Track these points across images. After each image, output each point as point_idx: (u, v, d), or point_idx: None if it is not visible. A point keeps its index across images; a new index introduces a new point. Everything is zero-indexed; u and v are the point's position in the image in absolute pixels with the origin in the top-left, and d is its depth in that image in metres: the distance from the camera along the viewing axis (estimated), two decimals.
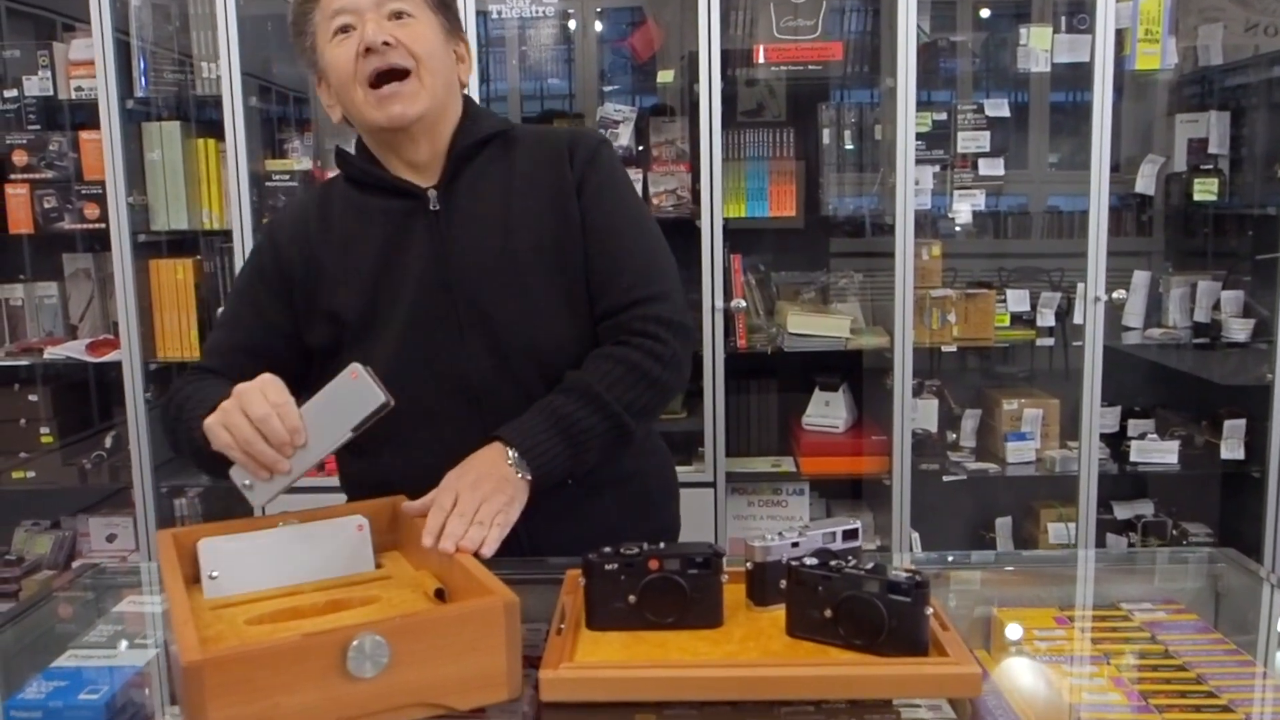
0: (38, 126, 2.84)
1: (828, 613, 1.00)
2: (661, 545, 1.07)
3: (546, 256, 1.32)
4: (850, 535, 1.13)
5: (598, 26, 3.03)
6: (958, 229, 2.83)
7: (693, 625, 1.06)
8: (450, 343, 1.30)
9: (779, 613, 1.07)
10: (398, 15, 1.28)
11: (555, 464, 1.24)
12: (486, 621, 0.92)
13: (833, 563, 1.02)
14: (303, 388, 1.25)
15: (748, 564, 1.10)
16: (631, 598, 1.05)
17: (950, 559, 1.42)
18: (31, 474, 2.92)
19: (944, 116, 2.81)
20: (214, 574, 1.14)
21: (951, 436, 2.97)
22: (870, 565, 1.01)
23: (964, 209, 2.82)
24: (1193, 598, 1.28)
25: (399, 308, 1.31)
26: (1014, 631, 1.20)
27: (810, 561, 1.03)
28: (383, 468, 1.33)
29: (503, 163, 1.36)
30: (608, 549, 1.07)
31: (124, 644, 1.17)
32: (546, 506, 1.26)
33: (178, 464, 2.93)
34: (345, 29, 1.28)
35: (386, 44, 1.25)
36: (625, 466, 1.40)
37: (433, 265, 1.31)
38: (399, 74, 1.27)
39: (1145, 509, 3.08)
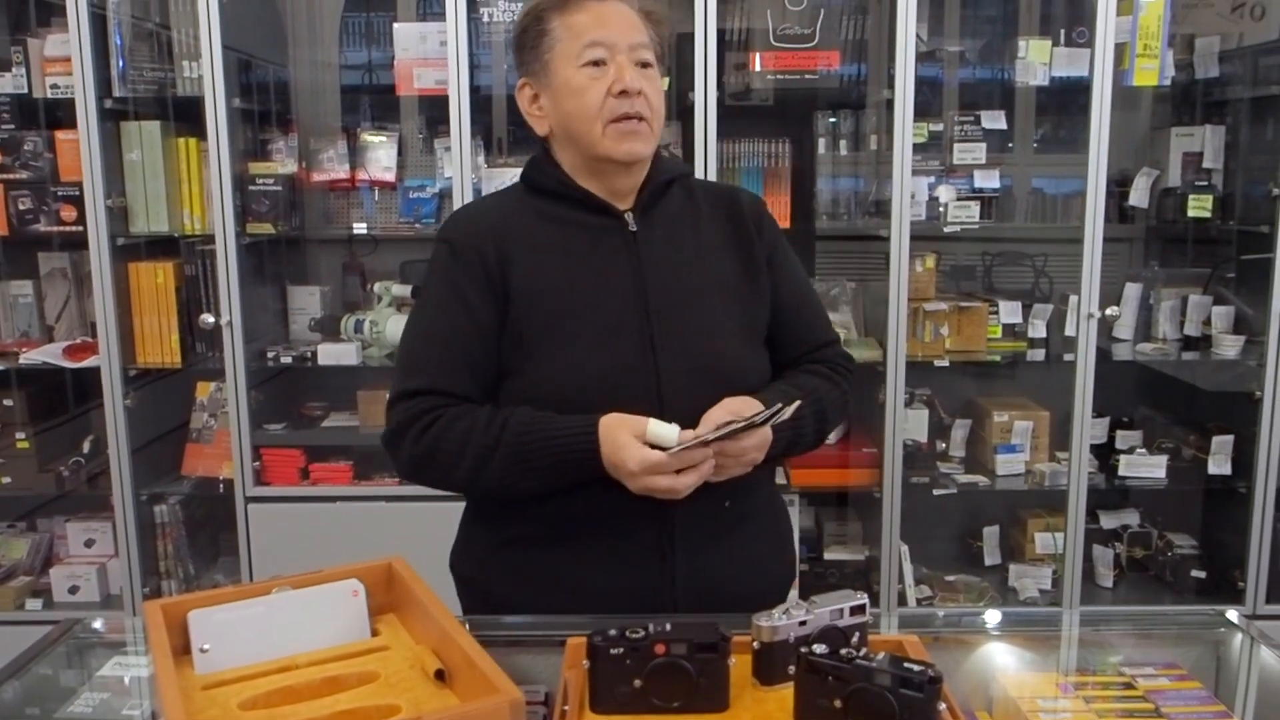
0: (11, 126, 2.74)
1: (837, 703, 0.99)
2: (667, 626, 1.05)
3: (731, 291, 1.42)
4: (858, 610, 1.11)
5: None
6: (947, 230, 2.80)
7: (699, 709, 1.04)
8: (642, 357, 1.35)
9: (785, 692, 1.05)
10: (644, 64, 1.37)
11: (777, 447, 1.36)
12: None
13: (843, 650, 1.00)
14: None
15: (754, 643, 1.08)
16: (637, 682, 1.03)
17: (955, 617, 1.39)
18: (7, 479, 2.86)
19: (940, 127, 2.78)
20: (205, 647, 1.10)
21: (941, 446, 2.97)
22: (881, 656, 0.99)
23: (959, 216, 2.78)
24: (1194, 662, 1.27)
25: (593, 319, 1.35)
26: (1019, 702, 1.19)
27: (819, 648, 1.01)
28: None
29: (688, 201, 1.47)
30: (613, 631, 1.04)
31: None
32: (699, 532, 1.37)
33: (156, 471, 2.89)
34: (598, 63, 1.34)
35: (640, 92, 1.34)
36: (768, 499, 1.51)
37: (630, 284, 1.38)
38: (636, 118, 1.36)
39: (1131, 519, 3.09)
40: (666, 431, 1.24)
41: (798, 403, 1.28)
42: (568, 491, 1.32)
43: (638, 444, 1.24)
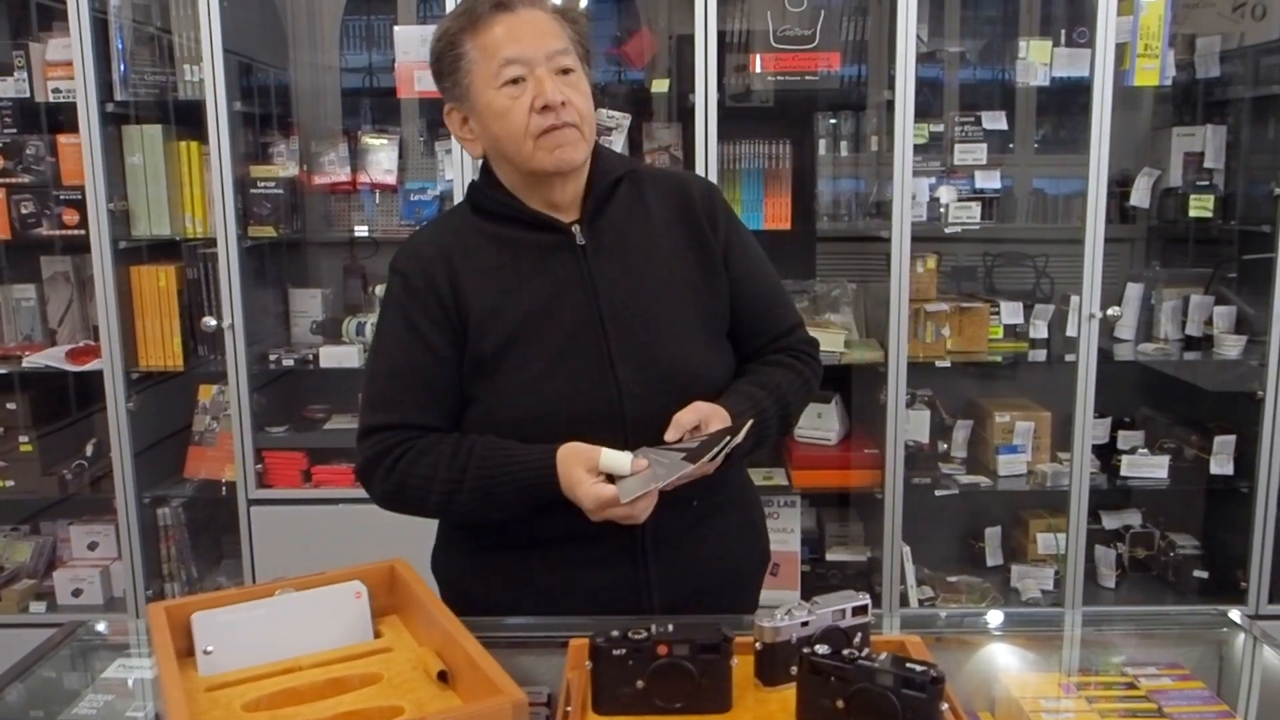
0: (14, 130, 2.75)
1: (840, 703, 0.99)
2: (669, 627, 1.05)
3: (687, 291, 1.41)
4: (860, 611, 1.11)
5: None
6: (948, 231, 2.80)
7: (702, 710, 1.04)
8: (600, 370, 1.35)
9: (788, 693, 1.06)
10: (565, 71, 1.34)
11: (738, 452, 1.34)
12: None
13: (845, 651, 1.00)
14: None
15: (756, 644, 1.09)
16: (640, 683, 1.03)
17: (957, 618, 1.39)
18: (10, 483, 2.86)
19: (941, 128, 2.78)
20: (209, 649, 1.11)
21: (943, 446, 2.96)
22: (883, 656, 0.99)
23: (959, 217, 2.78)
24: (1197, 662, 1.27)
25: (548, 337, 1.35)
26: (1021, 702, 1.19)
27: (822, 649, 1.01)
28: None
29: (637, 202, 1.44)
30: (615, 632, 1.05)
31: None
32: (670, 531, 1.37)
33: (159, 474, 2.89)
34: (516, 80, 1.31)
35: (562, 103, 1.31)
36: (738, 491, 1.51)
37: (583, 298, 1.36)
38: (564, 127, 1.34)
39: (1133, 519, 3.09)
40: (618, 461, 1.25)
41: (749, 424, 1.29)
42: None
43: (590, 480, 1.25)
